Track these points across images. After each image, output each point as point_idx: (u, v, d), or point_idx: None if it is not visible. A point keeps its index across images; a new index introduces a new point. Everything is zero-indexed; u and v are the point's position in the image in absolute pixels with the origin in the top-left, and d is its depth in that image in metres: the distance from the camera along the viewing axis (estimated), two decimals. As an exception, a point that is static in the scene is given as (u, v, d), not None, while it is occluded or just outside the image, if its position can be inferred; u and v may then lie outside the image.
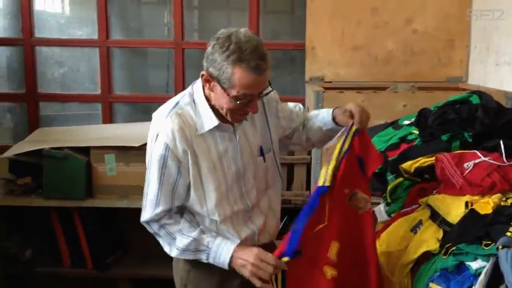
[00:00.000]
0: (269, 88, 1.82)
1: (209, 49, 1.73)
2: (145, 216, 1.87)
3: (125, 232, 3.36)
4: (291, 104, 2.13)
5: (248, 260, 1.78)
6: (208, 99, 1.82)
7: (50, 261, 3.40)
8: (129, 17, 4.18)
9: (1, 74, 4.15)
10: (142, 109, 3.99)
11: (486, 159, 2.22)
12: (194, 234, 1.83)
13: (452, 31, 3.72)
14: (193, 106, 1.83)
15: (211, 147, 1.84)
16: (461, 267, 1.93)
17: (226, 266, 1.82)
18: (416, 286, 2.05)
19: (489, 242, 1.88)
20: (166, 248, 1.89)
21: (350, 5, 3.74)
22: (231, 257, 1.81)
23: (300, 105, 2.14)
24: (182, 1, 3.95)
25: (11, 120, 4.21)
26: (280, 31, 4.20)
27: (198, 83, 1.86)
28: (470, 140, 2.35)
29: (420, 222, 2.21)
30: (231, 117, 1.81)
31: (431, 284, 1.99)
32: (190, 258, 1.88)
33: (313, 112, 2.13)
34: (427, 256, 2.10)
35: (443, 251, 2.02)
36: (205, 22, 4.32)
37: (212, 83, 1.76)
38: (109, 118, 4.01)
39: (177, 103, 1.85)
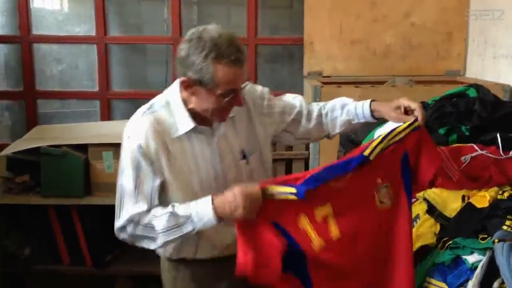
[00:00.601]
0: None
1: (182, 53, 1.68)
2: (120, 221, 1.74)
3: (124, 229, 3.33)
4: (288, 97, 2.03)
5: (238, 202, 1.62)
6: (184, 102, 1.77)
7: (49, 259, 3.39)
8: (128, 14, 4.16)
9: (-2, 71, 4.14)
10: (141, 106, 3.92)
11: (483, 152, 2.21)
12: (168, 209, 1.71)
13: (450, 24, 3.70)
14: (167, 109, 1.78)
15: (187, 150, 1.77)
16: (457, 261, 1.92)
17: (215, 221, 1.67)
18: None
19: (486, 236, 1.88)
20: (151, 244, 1.75)
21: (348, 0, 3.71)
22: (214, 209, 1.66)
23: (300, 97, 2.03)
24: (180, -4, 3.93)
25: (9, 118, 4.20)
26: (278, 26, 4.18)
27: (173, 88, 1.81)
28: (468, 134, 2.34)
29: (417, 216, 2.20)
30: (217, 117, 1.76)
31: (427, 278, 1.98)
32: (177, 240, 1.73)
33: (328, 105, 2.01)
34: (424, 250, 2.09)
35: (439, 245, 2.02)
36: (204, 18, 4.31)
37: (193, 88, 1.71)
38: (107, 115, 3.99)
39: (152, 105, 1.81)
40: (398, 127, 1.85)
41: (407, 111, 1.85)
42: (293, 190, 1.69)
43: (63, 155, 3.22)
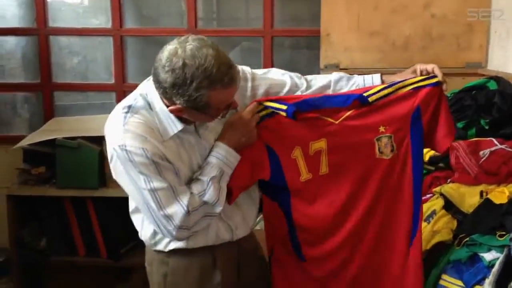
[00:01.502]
0: None
1: (167, 82, 1.53)
2: (176, 221, 1.61)
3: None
4: (275, 74, 1.88)
5: (248, 130, 1.72)
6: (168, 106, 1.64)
7: (65, 251, 3.39)
8: (144, 6, 4.14)
9: (16, 64, 4.15)
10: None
11: (502, 146, 2.16)
12: (204, 178, 1.66)
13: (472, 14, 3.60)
14: (148, 109, 1.64)
15: (177, 150, 1.67)
16: (474, 258, 1.89)
17: (239, 157, 1.71)
18: (429, 277, 2.00)
19: (504, 233, 1.83)
20: (212, 219, 1.70)
21: (366, -10, 3.65)
22: (227, 144, 1.70)
23: (291, 74, 1.88)
24: (196, -12, 3.91)
25: (27, 110, 4.22)
26: (295, 17, 4.12)
27: (151, 87, 1.65)
28: (487, 127, 2.28)
29: (434, 212, 2.16)
30: (211, 120, 1.70)
31: (443, 276, 1.95)
32: (226, 187, 1.70)
33: (332, 78, 1.88)
34: (441, 246, 2.05)
35: (456, 242, 1.97)
36: (222, 10, 4.28)
37: (185, 111, 1.61)
38: (123, 107, 3.98)
39: (130, 106, 1.64)
40: (411, 78, 1.78)
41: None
42: (284, 107, 1.72)
43: (78, 147, 3.22)
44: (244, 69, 1.84)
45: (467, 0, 3.59)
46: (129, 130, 1.59)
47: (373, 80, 1.86)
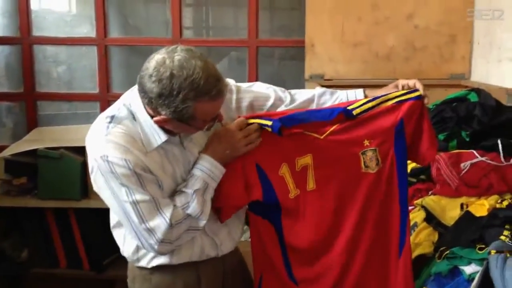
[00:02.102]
0: None
1: (153, 92, 1.50)
2: (158, 235, 1.57)
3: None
4: (260, 87, 1.87)
5: (233, 143, 1.69)
6: (152, 116, 1.61)
7: (46, 262, 3.36)
8: (128, 15, 4.13)
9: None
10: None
11: (483, 159, 2.16)
12: (188, 190, 1.63)
13: (455, 26, 3.63)
14: (132, 120, 1.61)
15: (164, 161, 1.64)
16: (455, 272, 1.88)
17: (222, 167, 1.68)
18: (410, 290, 1.99)
19: (483, 246, 1.83)
20: (196, 232, 1.66)
21: (350, 1, 3.66)
22: (213, 157, 1.66)
23: (274, 88, 1.88)
24: (180, -2, 3.90)
25: (10, 119, 4.18)
26: (280, 28, 4.13)
27: (135, 97, 1.62)
28: (468, 139, 2.29)
29: (415, 224, 2.16)
30: (196, 132, 1.68)
31: (424, 289, 1.94)
32: (210, 200, 1.67)
33: (316, 92, 1.90)
34: (422, 259, 2.05)
35: (437, 255, 1.97)
36: (209, 19, 4.29)
37: (170, 123, 1.58)
38: (107, 117, 3.95)
39: (113, 116, 1.61)
40: (393, 92, 1.81)
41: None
42: (269, 123, 1.72)
43: (60, 157, 3.19)
44: (229, 81, 1.83)
45: (449, 12, 3.63)
46: (111, 141, 1.55)
47: (356, 95, 1.88)
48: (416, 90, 1.79)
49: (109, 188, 1.58)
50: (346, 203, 1.81)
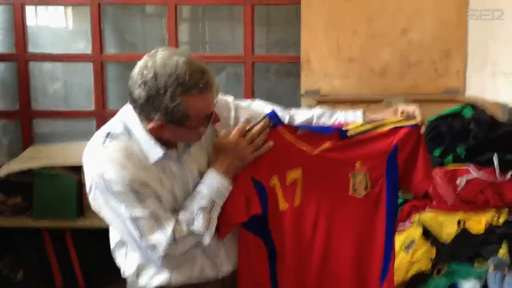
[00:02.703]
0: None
1: (141, 97, 1.48)
2: (160, 252, 1.54)
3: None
4: (258, 105, 1.85)
5: (239, 152, 1.65)
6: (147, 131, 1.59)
7: (42, 282, 3.33)
8: (124, 31, 4.14)
9: (-5, 90, 4.12)
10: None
11: (479, 175, 2.16)
12: (193, 207, 1.59)
13: (449, 40, 3.65)
14: (127, 135, 1.58)
15: (161, 176, 1.61)
16: (453, 288, 1.87)
17: (228, 183, 1.63)
18: (408, 308, 1.98)
19: (481, 262, 1.83)
20: (198, 247, 1.63)
21: (345, 15, 3.68)
22: (220, 174, 1.62)
23: (274, 107, 1.83)
24: (176, 14, 3.92)
25: (6, 137, 4.16)
26: (275, 43, 4.15)
27: (130, 113, 1.60)
28: (463, 155, 2.29)
29: (413, 241, 2.15)
30: (196, 139, 1.65)
31: (423, 306, 1.93)
32: (216, 218, 1.62)
33: (315, 112, 1.87)
34: (420, 276, 2.04)
35: (435, 271, 1.97)
36: (205, 35, 4.31)
37: (165, 129, 1.55)
38: (104, 134, 3.95)
39: (109, 133, 1.58)
40: (392, 117, 1.78)
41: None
42: (267, 117, 1.70)
43: (56, 176, 3.19)
44: (227, 99, 1.81)
45: (444, 26, 3.64)
46: (107, 157, 1.53)
47: (355, 116, 1.85)
48: (414, 119, 1.76)
49: (108, 207, 1.56)
50: (328, 225, 1.77)
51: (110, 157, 1.53)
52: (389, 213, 1.76)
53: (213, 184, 1.63)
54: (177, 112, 1.49)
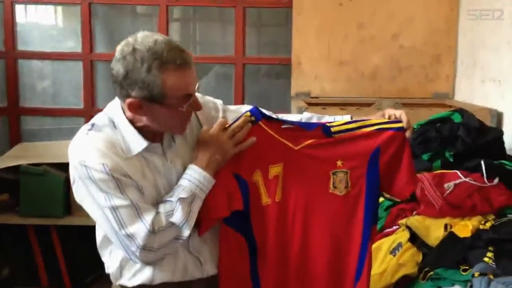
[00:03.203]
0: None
1: (119, 74, 1.51)
2: (138, 241, 1.52)
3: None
4: (245, 109, 1.85)
5: (221, 146, 1.64)
6: (131, 121, 1.60)
7: (28, 280, 3.30)
8: (114, 30, 4.13)
9: (-17, 88, 4.09)
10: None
11: (467, 179, 2.17)
12: (172, 199, 1.59)
13: (439, 46, 3.69)
14: (112, 127, 1.59)
15: (144, 169, 1.61)
16: (439, 293, 1.88)
17: (212, 178, 1.63)
18: (394, 311, 1.99)
19: (467, 267, 1.84)
20: (178, 243, 1.60)
21: (336, 20, 3.70)
22: (201, 167, 1.61)
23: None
24: (167, 14, 3.91)
25: (-7, 134, 4.14)
26: (266, 44, 4.15)
27: (115, 106, 1.63)
28: (451, 160, 2.30)
29: (400, 245, 2.16)
30: (176, 129, 1.63)
31: (408, 310, 1.94)
32: (197, 211, 1.61)
33: (303, 116, 1.91)
34: (406, 280, 2.05)
35: (421, 276, 1.97)
36: (196, 35, 4.30)
37: (144, 108, 1.56)
38: (92, 132, 3.92)
39: (93, 124, 1.60)
40: (376, 118, 1.78)
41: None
42: (248, 112, 1.71)
43: (43, 173, 3.16)
44: (216, 101, 1.83)
45: (434, 33, 3.68)
46: (89, 146, 1.54)
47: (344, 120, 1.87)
48: (400, 122, 1.75)
49: (90, 196, 1.55)
50: (307, 221, 1.76)
51: (92, 146, 1.54)
52: (367, 215, 1.75)
53: (193, 177, 1.62)
54: (154, 87, 1.49)
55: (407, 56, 3.70)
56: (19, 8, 3.98)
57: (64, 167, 3.19)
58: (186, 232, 1.59)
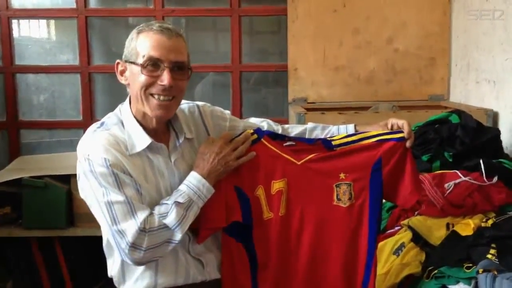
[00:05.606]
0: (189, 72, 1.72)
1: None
2: (128, 237, 1.55)
3: (108, 261, 3.26)
4: (254, 120, 1.97)
5: (223, 158, 1.70)
6: (136, 118, 1.69)
7: (32, 293, 3.33)
8: (112, 43, 4.15)
9: (-19, 102, 4.09)
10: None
11: (466, 179, 2.20)
12: (168, 201, 1.62)
13: (433, 49, 3.74)
14: (120, 126, 1.69)
15: (147, 169, 1.67)
16: (443, 291, 1.89)
17: (211, 186, 1.66)
18: (399, 311, 2.01)
19: (471, 265, 1.86)
20: (169, 247, 1.62)
21: (331, 25, 3.74)
22: (202, 175, 1.66)
23: (269, 121, 1.96)
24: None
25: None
26: (263, 52, 4.18)
27: (124, 105, 1.73)
28: (451, 160, 2.33)
29: (403, 245, 2.18)
30: (150, 105, 1.65)
31: (414, 309, 1.96)
32: (193, 218, 1.64)
33: (308, 126, 1.96)
34: (411, 279, 2.07)
35: (425, 275, 1.99)
36: (191, 44, 4.31)
37: (125, 71, 1.69)
38: (91, 144, 3.94)
39: (103, 123, 1.71)
40: (377, 130, 1.82)
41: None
42: (254, 133, 1.78)
43: (45, 186, 3.18)
44: (224, 111, 1.91)
45: (428, 35, 3.72)
46: (95, 141, 1.63)
47: (347, 130, 1.90)
48: (401, 132, 1.78)
49: (91, 190, 1.61)
50: (313, 234, 1.78)
51: (97, 142, 1.63)
52: (371, 225, 1.78)
53: (193, 184, 1.66)
54: (131, 49, 1.66)
55: (402, 59, 3.75)
56: (15, 23, 4.00)
57: (65, 179, 3.22)
58: (178, 236, 1.62)
